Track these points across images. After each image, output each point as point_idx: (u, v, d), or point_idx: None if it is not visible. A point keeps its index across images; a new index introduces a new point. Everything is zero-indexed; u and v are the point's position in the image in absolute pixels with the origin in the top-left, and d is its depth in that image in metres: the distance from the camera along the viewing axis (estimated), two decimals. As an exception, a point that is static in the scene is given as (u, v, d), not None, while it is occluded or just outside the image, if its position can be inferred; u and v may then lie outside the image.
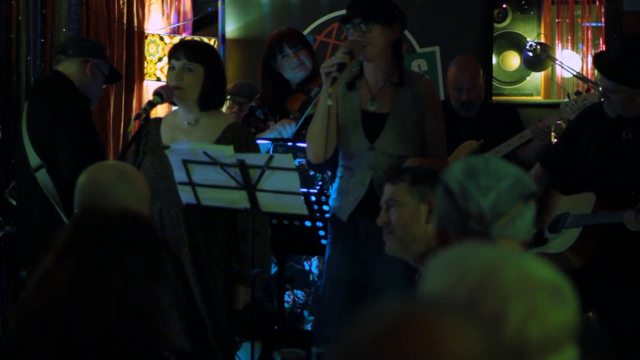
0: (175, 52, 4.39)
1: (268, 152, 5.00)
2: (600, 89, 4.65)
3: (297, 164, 5.27)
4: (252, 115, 5.41)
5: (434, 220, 3.09)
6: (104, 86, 5.18)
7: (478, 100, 5.82)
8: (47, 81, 5.15)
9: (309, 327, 5.32)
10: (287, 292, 5.28)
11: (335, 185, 4.55)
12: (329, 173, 5.26)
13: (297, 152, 5.23)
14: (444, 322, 1.31)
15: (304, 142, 5.15)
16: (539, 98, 7.90)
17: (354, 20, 4.35)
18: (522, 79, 7.92)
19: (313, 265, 5.27)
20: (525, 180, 2.43)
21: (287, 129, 5.08)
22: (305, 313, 5.29)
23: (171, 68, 4.37)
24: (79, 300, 2.34)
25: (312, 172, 5.28)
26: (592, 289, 4.47)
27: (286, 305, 5.28)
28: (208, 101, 4.37)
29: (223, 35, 7.57)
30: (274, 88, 5.35)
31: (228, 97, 6.30)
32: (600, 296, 4.51)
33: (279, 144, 5.14)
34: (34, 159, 4.79)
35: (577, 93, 5.59)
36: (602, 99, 4.64)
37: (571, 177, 4.68)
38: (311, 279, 5.27)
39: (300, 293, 5.29)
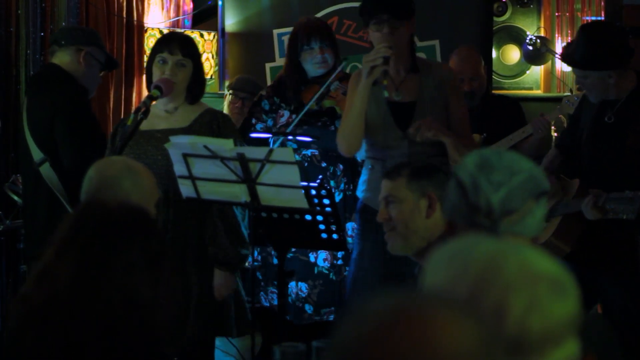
0: (169, 46, 4.36)
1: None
2: (575, 78, 4.74)
3: (310, 154, 5.27)
4: (257, 105, 5.39)
5: (441, 210, 3.10)
6: (101, 74, 5.17)
7: (480, 90, 5.82)
8: (44, 75, 5.14)
9: (318, 318, 5.29)
10: (292, 284, 5.26)
11: (364, 176, 4.65)
12: (341, 166, 5.26)
13: (309, 144, 5.23)
14: (439, 316, 1.31)
15: (306, 135, 5.15)
16: (538, 92, 7.90)
17: (382, 16, 4.40)
18: (522, 72, 7.91)
19: (320, 257, 5.25)
20: (539, 177, 2.42)
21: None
22: (307, 307, 5.28)
23: (163, 61, 4.36)
24: (81, 294, 2.33)
25: (323, 164, 5.28)
26: (594, 281, 4.50)
27: (288, 298, 5.27)
28: (195, 94, 4.42)
29: (223, 29, 7.56)
30: (294, 76, 5.31)
31: (230, 91, 6.29)
32: (593, 285, 4.53)
33: (280, 136, 5.13)
34: (36, 154, 4.79)
35: (580, 88, 5.60)
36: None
37: (570, 163, 4.74)
38: (316, 271, 5.25)
39: (304, 286, 5.27)
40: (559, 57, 7.20)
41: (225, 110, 6.20)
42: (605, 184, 4.39)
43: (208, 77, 7.59)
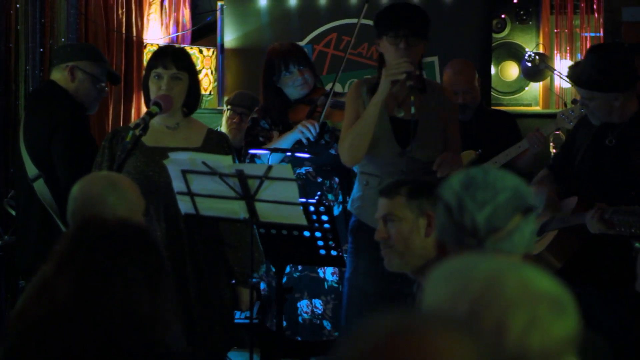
0: (163, 60, 4.37)
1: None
2: (580, 100, 4.72)
3: (304, 172, 5.27)
4: (256, 126, 5.39)
5: (434, 232, 3.09)
6: (105, 88, 5.17)
7: (474, 103, 5.82)
8: (42, 91, 5.16)
9: (334, 335, 5.27)
10: (305, 302, 5.25)
11: (358, 193, 4.63)
12: (337, 180, 5.26)
13: (303, 162, 5.24)
14: (438, 334, 1.31)
15: (302, 152, 5.15)
16: (537, 108, 7.91)
17: (401, 31, 4.42)
18: (521, 89, 7.92)
19: (327, 272, 5.24)
20: (524, 193, 2.41)
21: (311, 130, 5.07)
22: (325, 323, 5.26)
23: (157, 77, 4.37)
24: (81, 309, 2.33)
25: (319, 180, 5.28)
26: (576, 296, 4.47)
27: (306, 316, 5.26)
28: (191, 107, 4.45)
29: (222, 45, 7.58)
30: (276, 101, 5.34)
31: (228, 107, 6.30)
32: (583, 302, 4.51)
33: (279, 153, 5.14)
34: (31, 169, 4.78)
35: (574, 101, 5.60)
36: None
37: (569, 184, 4.71)
38: (326, 286, 5.23)
39: (318, 302, 5.26)
40: (558, 74, 7.21)
41: (223, 126, 6.21)
42: (603, 201, 4.39)
43: (207, 92, 7.61)
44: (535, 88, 7.93)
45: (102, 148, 4.41)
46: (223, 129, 6.13)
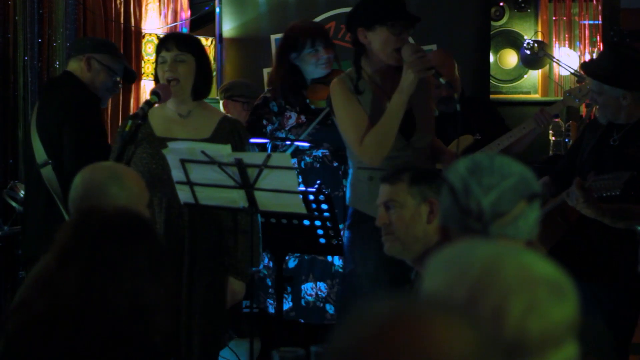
0: (165, 43, 4.37)
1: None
2: (590, 94, 4.72)
3: (321, 155, 5.27)
4: (265, 107, 5.36)
5: (437, 217, 3.10)
6: (119, 83, 5.18)
7: (457, 93, 5.81)
8: (58, 80, 5.20)
9: (335, 320, 5.28)
10: (309, 284, 5.26)
11: (362, 188, 4.50)
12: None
13: (321, 143, 5.23)
14: (437, 320, 1.31)
15: (305, 141, 5.14)
16: (536, 96, 7.91)
17: (399, 22, 4.41)
18: (520, 77, 7.92)
19: (335, 257, 5.23)
20: (530, 180, 2.42)
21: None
22: (328, 307, 5.27)
23: (162, 61, 4.35)
24: (89, 302, 2.33)
25: (335, 164, 5.28)
26: (585, 293, 4.48)
27: (309, 298, 5.26)
28: (200, 92, 4.39)
29: (220, 35, 7.57)
30: (292, 80, 5.31)
31: (232, 98, 6.24)
32: (591, 296, 4.52)
33: (280, 143, 5.14)
34: (40, 155, 4.80)
35: (580, 81, 5.62)
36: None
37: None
38: (333, 270, 5.24)
39: (323, 285, 5.27)
40: (557, 61, 7.21)
41: None
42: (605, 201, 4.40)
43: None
44: (534, 76, 7.94)
45: (117, 135, 4.41)
46: None
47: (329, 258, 5.24)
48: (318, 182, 5.22)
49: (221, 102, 6.24)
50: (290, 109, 5.30)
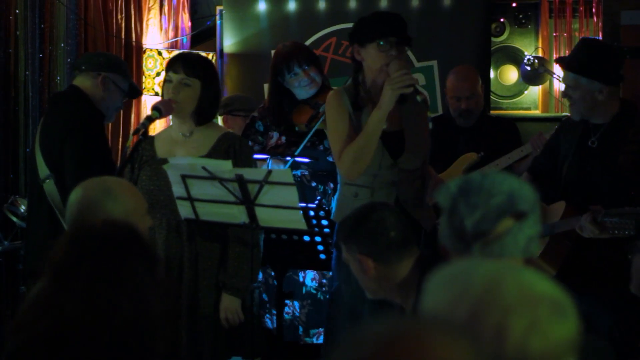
0: (173, 65, 4.36)
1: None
2: (563, 90, 4.68)
3: (300, 174, 5.27)
4: (252, 127, 5.39)
5: (373, 272, 3.13)
6: (124, 100, 5.19)
7: (477, 109, 5.82)
8: (63, 94, 5.17)
9: (309, 340, 5.29)
10: (288, 302, 5.27)
11: (347, 204, 4.41)
12: (332, 185, 5.26)
13: (299, 164, 5.23)
14: (436, 339, 1.31)
15: (302, 156, 5.15)
16: (537, 112, 7.91)
17: (390, 38, 4.40)
18: (520, 92, 7.93)
19: (307, 277, 5.25)
20: (519, 197, 2.41)
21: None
22: (300, 328, 5.28)
23: (168, 81, 4.35)
24: (96, 317, 2.32)
25: (313, 184, 5.28)
26: (581, 304, 4.45)
27: (286, 316, 5.26)
28: (203, 116, 4.36)
29: (221, 50, 7.58)
30: (281, 101, 5.32)
31: (233, 113, 6.22)
32: (579, 308, 4.50)
33: (278, 158, 5.14)
34: (43, 170, 4.80)
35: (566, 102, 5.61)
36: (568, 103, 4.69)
37: (554, 189, 4.71)
38: (304, 291, 5.24)
39: (297, 305, 5.28)
40: (557, 77, 7.21)
41: None
42: (589, 203, 4.39)
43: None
44: (534, 92, 7.94)
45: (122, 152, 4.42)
46: None
47: (300, 279, 5.26)
48: (318, 198, 5.22)
49: (220, 117, 6.23)
50: (274, 129, 5.32)
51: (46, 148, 4.83)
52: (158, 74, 7.41)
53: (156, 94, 7.30)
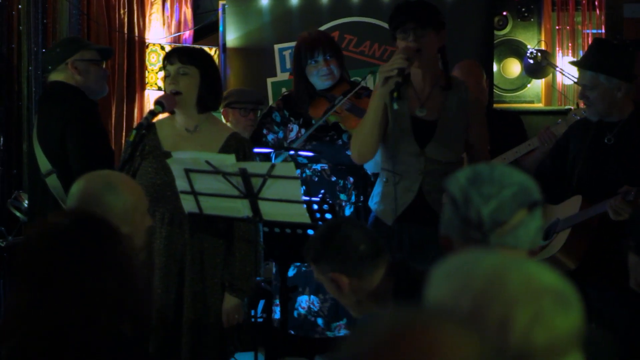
0: (169, 57, 4.37)
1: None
2: (580, 91, 4.66)
3: (320, 168, 5.26)
4: (268, 116, 5.38)
5: (347, 288, 3.14)
6: (103, 66, 5.16)
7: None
8: (51, 91, 5.16)
9: (330, 334, 5.27)
10: (304, 297, 5.25)
11: (378, 189, 4.58)
12: (351, 179, 5.25)
13: (320, 159, 5.23)
14: (443, 331, 1.31)
15: (308, 151, 5.14)
16: (540, 105, 7.90)
17: (407, 25, 4.38)
18: (523, 86, 7.92)
19: None
20: (531, 188, 2.42)
21: None
22: (320, 321, 5.26)
23: (167, 75, 4.36)
24: (78, 318, 2.32)
25: (333, 179, 5.27)
26: (590, 297, 4.45)
27: (302, 311, 5.26)
28: (205, 104, 4.35)
29: (224, 44, 7.58)
30: (304, 91, 5.30)
31: (239, 106, 6.21)
32: (598, 303, 4.50)
33: (283, 152, 5.14)
34: (44, 165, 4.80)
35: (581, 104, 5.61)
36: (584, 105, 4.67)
37: (563, 190, 4.68)
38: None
39: (316, 300, 5.26)
40: (560, 70, 7.21)
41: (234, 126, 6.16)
42: (605, 198, 4.38)
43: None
44: (537, 85, 7.93)
45: (125, 145, 4.42)
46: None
47: None
48: (322, 191, 5.22)
49: (221, 110, 6.23)
50: (294, 121, 5.30)
51: (46, 143, 4.84)
52: (161, 69, 7.41)
53: (159, 89, 7.31)
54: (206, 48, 7.46)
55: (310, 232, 4.09)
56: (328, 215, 4.10)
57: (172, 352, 4.24)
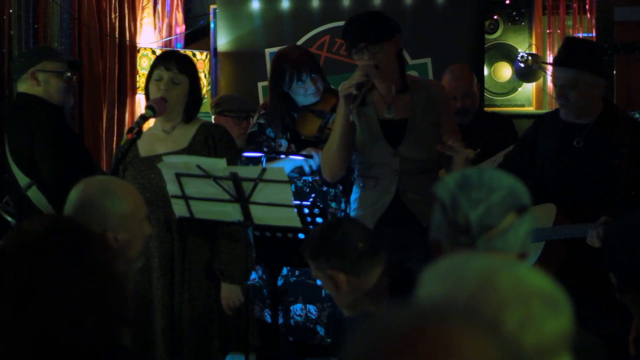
0: (165, 61, 4.37)
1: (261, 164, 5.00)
2: (556, 91, 4.61)
3: (311, 180, 5.25)
4: (262, 134, 5.29)
5: (345, 286, 3.14)
6: (73, 77, 5.12)
7: (473, 107, 5.84)
8: (17, 104, 5.13)
9: (326, 341, 5.27)
10: (299, 306, 5.25)
11: (355, 195, 4.65)
12: (340, 187, 5.25)
13: (314, 173, 5.22)
14: (460, 332, 1.29)
15: (296, 154, 5.14)
16: (530, 109, 7.92)
17: (360, 45, 4.43)
18: (514, 89, 7.94)
19: None
20: (520, 192, 2.41)
21: (316, 159, 5.06)
22: (319, 328, 5.26)
23: (158, 78, 4.36)
24: (63, 324, 2.31)
25: (325, 188, 5.27)
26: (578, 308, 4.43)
27: (299, 319, 5.26)
28: (192, 115, 4.41)
29: (215, 49, 7.58)
30: (288, 107, 5.26)
31: (230, 115, 6.18)
32: (583, 309, 4.48)
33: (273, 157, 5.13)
34: (22, 179, 4.81)
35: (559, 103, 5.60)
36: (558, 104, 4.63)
37: (533, 189, 4.66)
38: (323, 294, 5.21)
39: (313, 308, 5.25)
40: (550, 74, 7.21)
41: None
42: (580, 206, 4.38)
43: (201, 96, 7.59)
44: (528, 89, 7.95)
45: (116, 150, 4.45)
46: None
47: (318, 282, 5.25)
48: (313, 195, 5.22)
49: (212, 117, 6.21)
50: (281, 136, 5.28)
51: (18, 157, 4.85)
52: (152, 73, 7.41)
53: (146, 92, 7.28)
54: (197, 52, 7.48)
55: (301, 236, 4.09)
56: (319, 220, 4.10)
57: (173, 352, 4.26)
